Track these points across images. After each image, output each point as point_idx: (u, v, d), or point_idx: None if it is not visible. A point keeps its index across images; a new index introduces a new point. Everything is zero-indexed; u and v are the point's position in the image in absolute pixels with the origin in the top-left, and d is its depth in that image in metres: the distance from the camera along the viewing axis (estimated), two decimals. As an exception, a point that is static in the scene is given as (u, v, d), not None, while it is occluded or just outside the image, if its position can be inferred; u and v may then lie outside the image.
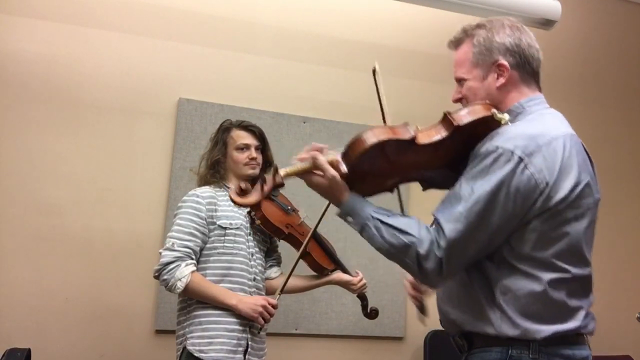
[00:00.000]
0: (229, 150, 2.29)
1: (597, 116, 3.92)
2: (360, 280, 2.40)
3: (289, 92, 3.30)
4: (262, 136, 2.35)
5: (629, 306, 3.63)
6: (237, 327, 2.13)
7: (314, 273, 2.38)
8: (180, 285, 2.06)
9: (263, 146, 2.34)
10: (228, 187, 2.27)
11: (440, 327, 1.50)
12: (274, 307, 2.17)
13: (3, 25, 2.91)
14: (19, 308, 2.76)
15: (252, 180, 2.22)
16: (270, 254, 2.42)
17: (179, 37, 3.16)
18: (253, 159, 2.28)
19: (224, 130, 2.34)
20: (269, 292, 2.33)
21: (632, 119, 4.00)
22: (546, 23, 3.20)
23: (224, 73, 3.21)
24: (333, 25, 3.44)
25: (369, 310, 2.45)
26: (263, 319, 2.13)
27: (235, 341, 2.11)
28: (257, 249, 2.27)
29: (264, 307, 2.13)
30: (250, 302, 2.13)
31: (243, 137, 2.30)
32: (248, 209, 2.24)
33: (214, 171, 2.28)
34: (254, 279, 2.22)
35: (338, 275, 2.37)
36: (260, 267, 2.27)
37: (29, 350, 2.41)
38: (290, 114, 3.19)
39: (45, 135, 2.90)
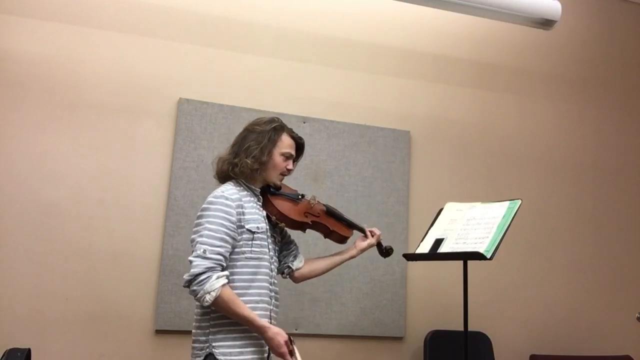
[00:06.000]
0: (274, 152, 2.19)
1: (597, 116, 3.92)
2: (374, 235, 2.45)
3: (289, 92, 3.30)
4: (302, 151, 2.32)
5: (629, 306, 3.64)
6: None
7: (327, 256, 2.45)
8: (209, 298, 1.97)
9: (295, 159, 2.30)
10: (251, 188, 2.19)
11: (440, 327, 1.50)
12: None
13: (3, 25, 2.91)
14: (19, 308, 2.76)
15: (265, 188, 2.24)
16: (288, 246, 2.40)
17: (179, 37, 3.16)
18: (290, 170, 2.24)
19: (276, 129, 2.22)
20: (299, 280, 2.38)
21: (632, 119, 4.00)
22: (546, 23, 3.20)
23: (224, 73, 3.21)
24: (333, 25, 3.44)
25: (384, 250, 2.49)
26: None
27: (263, 348, 2.09)
28: (273, 252, 2.24)
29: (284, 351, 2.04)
30: (277, 338, 2.03)
31: (291, 147, 2.24)
32: (266, 214, 2.20)
33: (251, 170, 2.15)
34: (273, 283, 2.19)
35: (359, 246, 2.42)
36: (276, 270, 2.26)
37: (29, 350, 2.41)
38: (290, 114, 3.19)
39: (45, 135, 2.90)
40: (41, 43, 2.95)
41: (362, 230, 2.45)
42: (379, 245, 2.48)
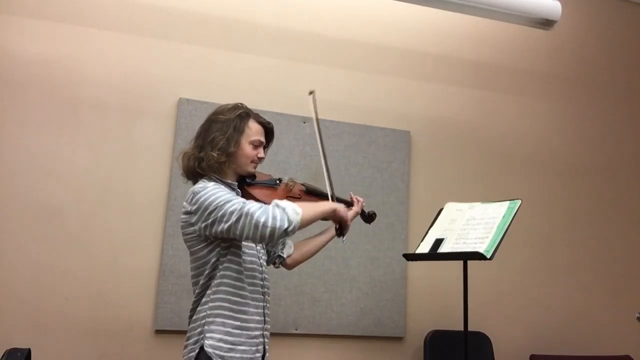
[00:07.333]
0: (241, 141, 2.07)
1: (596, 116, 3.92)
2: (358, 202, 2.35)
3: (289, 92, 3.30)
4: (272, 136, 2.22)
5: (629, 306, 3.64)
6: (257, 332, 2.02)
7: (317, 235, 2.36)
8: (298, 218, 1.87)
9: (266, 145, 2.20)
10: (227, 183, 2.06)
11: (440, 327, 1.50)
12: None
13: (3, 25, 2.92)
14: (19, 308, 2.76)
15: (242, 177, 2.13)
16: None
17: (179, 37, 3.16)
18: (261, 158, 2.13)
19: (242, 117, 2.09)
20: (292, 266, 2.30)
21: (632, 119, 4.00)
22: (546, 23, 3.20)
23: (224, 73, 3.21)
24: (333, 25, 3.44)
25: (367, 215, 2.42)
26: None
27: (254, 348, 2.00)
28: (261, 244, 2.15)
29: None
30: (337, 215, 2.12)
31: (260, 133, 2.12)
32: None
33: (218, 163, 2.03)
34: (264, 279, 2.10)
35: (343, 218, 2.24)
36: (265, 264, 2.15)
37: (29, 350, 2.41)
38: (290, 114, 3.19)
39: (45, 135, 2.90)
40: (41, 43, 2.95)
41: (344, 202, 2.32)
42: (362, 212, 2.39)
